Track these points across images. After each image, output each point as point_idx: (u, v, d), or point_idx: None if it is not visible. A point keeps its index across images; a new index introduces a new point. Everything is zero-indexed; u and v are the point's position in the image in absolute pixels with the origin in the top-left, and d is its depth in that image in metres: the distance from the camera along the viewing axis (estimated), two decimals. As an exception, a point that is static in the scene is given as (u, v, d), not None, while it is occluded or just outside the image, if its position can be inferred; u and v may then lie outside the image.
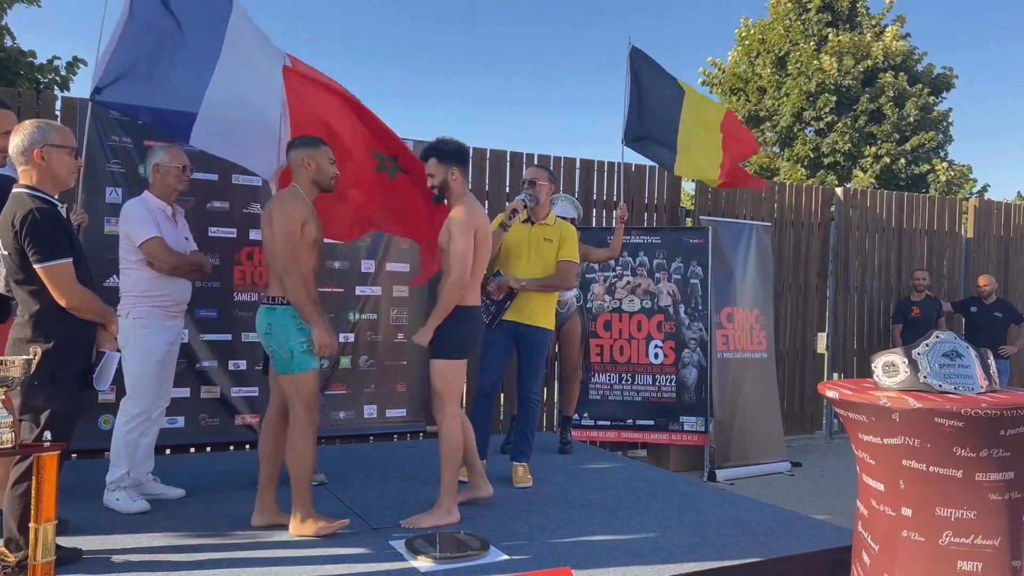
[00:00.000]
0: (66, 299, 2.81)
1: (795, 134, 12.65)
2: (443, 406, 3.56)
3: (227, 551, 3.15)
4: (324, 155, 3.47)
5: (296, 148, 3.45)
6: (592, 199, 7.09)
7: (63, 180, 2.92)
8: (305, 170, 3.42)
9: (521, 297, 4.34)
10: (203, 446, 5.37)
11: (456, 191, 3.66)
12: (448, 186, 3.65)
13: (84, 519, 3.48)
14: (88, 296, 2.90)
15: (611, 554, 3.19)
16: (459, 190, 3.67)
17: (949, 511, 2.54)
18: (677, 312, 6.32)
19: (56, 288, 2.80)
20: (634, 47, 5.58)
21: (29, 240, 2.76)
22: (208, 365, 5.28)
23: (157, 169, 3.89)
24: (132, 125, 5.06)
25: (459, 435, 3.58)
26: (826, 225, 8.25)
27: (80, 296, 2.86)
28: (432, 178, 3.67)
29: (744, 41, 13.28)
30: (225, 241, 5.32)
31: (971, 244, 9.07)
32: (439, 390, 3.57)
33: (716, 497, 4.21)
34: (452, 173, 3.64)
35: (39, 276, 2.79)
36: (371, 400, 5.81)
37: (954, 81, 13.00)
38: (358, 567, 3.00)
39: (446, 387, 3.57)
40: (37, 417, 2.74)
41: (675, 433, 6.24)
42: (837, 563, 3.27)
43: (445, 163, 3.64)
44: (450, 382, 3.58)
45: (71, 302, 2.83)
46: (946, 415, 2.47)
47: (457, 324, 3.58)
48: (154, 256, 3.74)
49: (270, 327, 3.29)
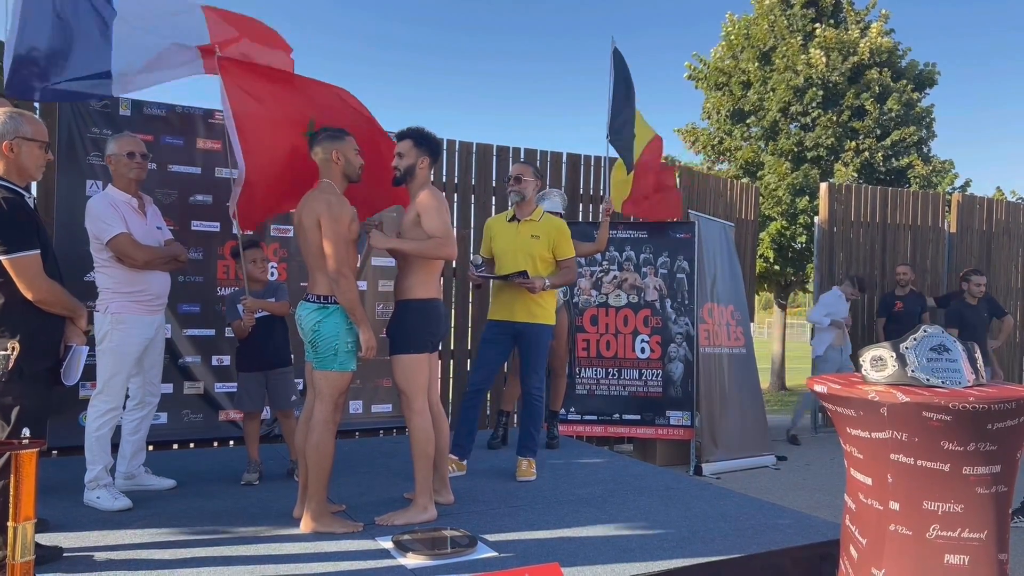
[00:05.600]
0: (32, 292, 2.73)
1: (780, 128, 12.69)
2: (409, 403, 3.52)
3: (211, 547, 3.11)
4: (350, 146, 3.44)
5: (321, 143, 3.40)
6: (579, 193, 7.08)
7: (30, 173, 2.84)
8: (335, 165, 3.40)
9: (517, 295, 4.33)
10: (187, 442, 5.31)
11: (420, 179, 3.64)
12: (414, 172, 3.63)
13: (65, 517, 3.43)
14: (56, 289, 2.82)
15: (599, 549, 3.18)
16: (423, 179, 3.66)
17: (936, 505, 2.54)
18: (664, 307, 6.32)
19: (22, 281, 2.71)
20: (616, 48, 5.54)
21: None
22: (191, 361, 5.23)
23: (110, 161, 3.77)
24: (112, 117, 4.99)
25: (429, 430, 3.53)
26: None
27: (47, 289, 2.78)
28: (401, 159, 3.63)
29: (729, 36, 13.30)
30: (208, 235, 5.26)
31: (954, 239, 9.14)
32: (402, 387, 3.53)
33: (703, 491, 4.22)
34: (422, 161, 3.63)
35: (5, 268, 2.71)
36: (357, 395, 5.78)
37: (937, 77, 13.10)
38: (344, 564, 2.97)
39: (408, 383, 3.52)
40: (7, 414, 2.67)
41: (661, 427, 6.25)
42: (825, 557, 3.28)
43: (419, 148, 3.62)
44: (412, 378, 3.52)
45: (38, 295, 2.74)
46: (934, 409, 2.47)
47: (416, 317, 3.54)
48: (123, 252, 3.63)
49: (319, 325, 3.29)
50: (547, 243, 4.41)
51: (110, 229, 3.60)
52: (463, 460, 4.48)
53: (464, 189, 6.54)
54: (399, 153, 3.64)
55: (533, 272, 4.34)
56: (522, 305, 4.36)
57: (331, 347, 3.30)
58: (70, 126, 4.84)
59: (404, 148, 3.63)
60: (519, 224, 4.48)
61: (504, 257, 4.45)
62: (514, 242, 4.43)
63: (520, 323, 4.37)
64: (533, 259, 4.38)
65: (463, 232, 6.52)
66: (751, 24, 13.30)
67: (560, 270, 4.48)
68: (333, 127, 3.60)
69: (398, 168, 3.64)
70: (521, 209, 4.50)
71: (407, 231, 3.56)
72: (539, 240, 4.41)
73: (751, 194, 8.84)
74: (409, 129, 3.68)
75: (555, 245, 4.43)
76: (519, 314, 4.37)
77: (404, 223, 3.60)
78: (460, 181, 6.52)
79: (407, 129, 3.68)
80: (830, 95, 12.44)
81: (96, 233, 3.63)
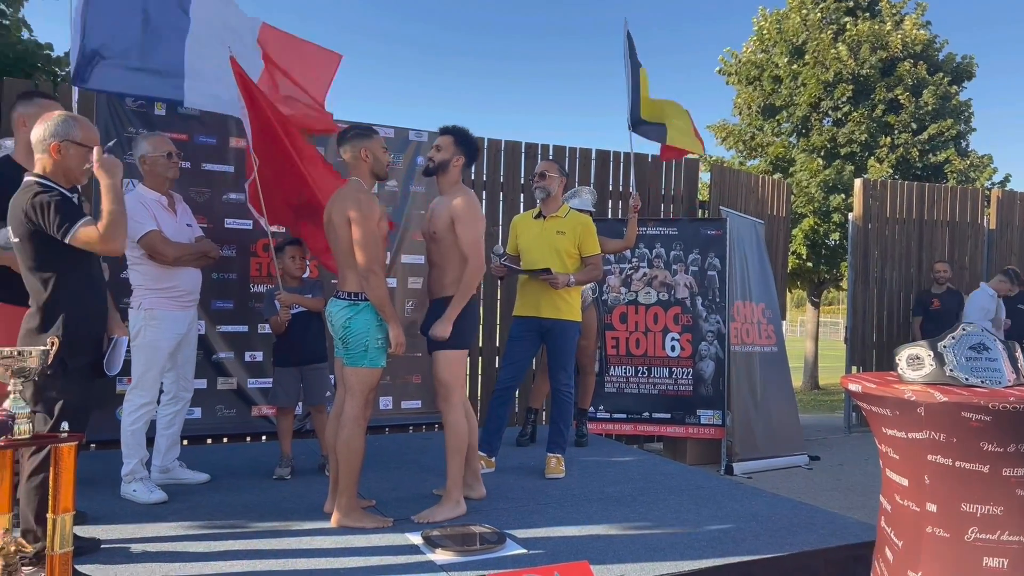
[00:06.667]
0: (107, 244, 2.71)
1: (812, 124, 12.49)
2: (448, 396, 3.57)
3: (244, 540, 3.15)
4: (378, 144, 3.47)
5: (350, 141, 3.43)
6: (608, 190, 7.04)
7: (75, 176, 2.85)
8: (364, 162, 3.43)
9: (543, 290, 4.33)
10: (220, 437, 5.39)
11: (452, 177, 3.69)
12: (447, 168, 3.68)
13: (102, 509, 3.50)
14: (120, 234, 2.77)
15: (629, 548, 3.16)
16: (455, 177, 3.70)
17: (975, 507, 2.49)
18: (694, 304, 6.26)
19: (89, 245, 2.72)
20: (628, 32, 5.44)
21: (48, 217, 2.66)
22: (225, 357, 5.30)
23: (144, 160, 3.83)
24: (148, 117, 5.07)
25: (464, 425, 3.58)
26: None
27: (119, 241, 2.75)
28: (437, 152, 3.69)
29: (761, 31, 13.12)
30: (241, 232, 5.33)
31: (994, 235, 8.94)
32: (446, 381, 3.58)
33: (734, 491, 4.18)
34: (457, 159, 3.68)
35: (52, 263, 2.73)
36: (386, 391, 5.81)
37: (975, 69, 12.80)
38: (374, 559, 2.99)
39: (453, 378, 3.58)
40: (51, 408, 2.70)
41: (692, 426, 6.20)
42: (859, 559, 3.23)
43: (457, 147, 3.68)
44: (456, 373, 3.60)
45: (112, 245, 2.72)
46: (973, 409, 2.41)
47: (460, 316, 3.58)
48: (153, 249, 3.70)
49: (349, 321, 3.33)
50: (573, 239, 4.41)
51: (141, 227, 3.67)
52: (492, 457, 4.49)
53: (492, 186, 6.54)
54: (437, 146, 3.70)
55: (559, 268, 4.33)
56: (548, 300, 4.36)
57: (361, 343, 3.33)
58: (107, 126, 4.92)
59: (444, 143, 3.69)
60: (545, 221, 4.48)
61: (530, 253, 4.45)
62: (540, 238, 4.43)
63: (546, 319, 4.37)
64: (559, 255, 4.38)
65: (491, 229, 6.53)
66: (783, 18, 13.11)
67: (586, 267, 4.47)
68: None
69: (432, 160, 3.70)
70: (547, 206, 4.50)
71: (441, 234, 3.59)
72: (565, 236, 4.41)
73: (783, 190, 8.72)
74: (453, 127, 3.75)
75: (581, 241, 4.42)
76: (545, 309, 4.36)
77: (438, 225, 3.61)
78: (488, 178, 6.53)
79: (451, 126, 3.76)
80: (861, 89, 12.21)
81: (127, 231, 3.68)
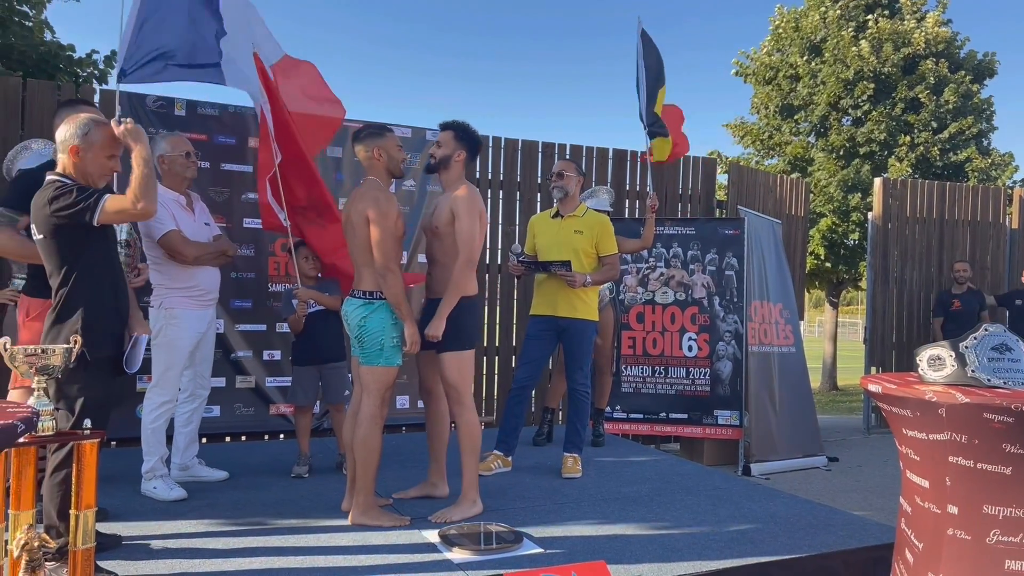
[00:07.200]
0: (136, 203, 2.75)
1: (831, 124, 12.38)
2: (460, 398, 3.56)
3: (262, 537, 3.18)
4: (392, 142, 3.47)
5: (363, 141, 3.44)
6: (625, 190, 7.03)
7: (93, 180, 2.87)
8: (377, 161, 3.44)
9: (559, 289, 4.33)
10: (239, 435, 5.43)
11: (455, 172, 3.68)
12: (449, 164, 3.66)
13: (123, 506, 3.53)
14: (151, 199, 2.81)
15: (646, 548, 3.15)
16: (457, 173, 3.69)
17: (997, 509, 2.46)
18: (712, 304, 6.23)
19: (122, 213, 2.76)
20: (644, 30, 5.40)
21: (70, 202, 2.68)
22: (243, 355, 5.34)
23: (162, 160, 3.85)
24: (168, 117, 5.12)
25: (478, 425, 3.59)
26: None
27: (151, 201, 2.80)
28: (439, 148, 3.68)
29: (777, 30, 13.02)
30: (259, 232, 5.36)
31: (1016, 235, 8.83)
32: (455, 383, 3.56)
33: (752, 492, 4.15)
34: (458, 154, 3.66)
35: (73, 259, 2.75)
36: (403, 391, 5.83)
37: (996, 67, 12.65)
38: (392, 557, 3.00)
39: (462, 379, 3.57)
40: (72, 405, 2.73)
41: (709, 427, 6.17)
42: (878, 561, 3.20)
43: (458, 142, 3.67)
44: (465, 374, 3.58)
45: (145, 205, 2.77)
46: (995, 410, 2.38)
47: (463, 315, 3.56)
48: (172, 249, 3.74)
49: (365, 320, 3.34)
50: (590, 238, 4.40)
51: (161, 227, 3.70)
52: (509, 456, 4.49)
53: (509, 186, 6.54)
54: (438, 143, 3.70)
55: (577, 268, 4.33)
56: (564, 299, 4.35)
57: (377, 342, 3.34)
58: (128, 127, 4.97)
59: (444, 139, 3.68)
60: (562, 220, 4.48)
61: (547, 252, 4.45)
62: (557, 237, 4.43)
63: (563, 318, 4.37)
64: (576, 254, 4.37)
65: (508, 229, 6.53)
66: (801, 16, 13.01)
67: (603, 266, 4.46)
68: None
69: (434, 156, 3.70)
70: (564, 205, 4.49)
71: (443, 229, 3.58)
72: (582, 235, 4.40)
73: (801, 189, 8.66)
74: (453, 121, 3.73)
75: (598, 240, 4.41)
76: (561, 308, 4.36)
77: (440, 221, 3.59)
78: (505, 178, 6.53)
79: (451, 121, 3.73)
80: (882, 88, 12.10)
81: (147, 231, 3.74)
